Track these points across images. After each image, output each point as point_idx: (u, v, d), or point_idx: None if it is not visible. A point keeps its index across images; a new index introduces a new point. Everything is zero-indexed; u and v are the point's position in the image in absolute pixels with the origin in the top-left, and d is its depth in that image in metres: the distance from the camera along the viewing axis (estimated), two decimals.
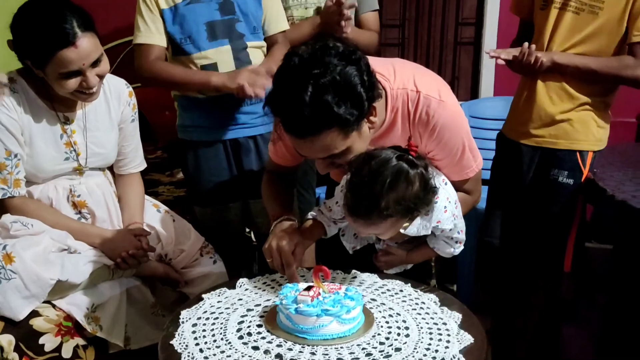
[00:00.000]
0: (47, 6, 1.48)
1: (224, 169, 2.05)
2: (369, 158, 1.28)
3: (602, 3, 1.76)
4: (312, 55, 1.23)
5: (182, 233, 1.85)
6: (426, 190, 1.29)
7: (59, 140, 1.63)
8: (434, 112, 1.38)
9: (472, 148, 1.48)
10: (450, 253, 1.52)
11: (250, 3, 1.94)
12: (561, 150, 1.89)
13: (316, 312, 1.16)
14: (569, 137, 1.88)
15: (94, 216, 1.71)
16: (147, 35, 1.91)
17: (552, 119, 1.87)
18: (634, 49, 1.76)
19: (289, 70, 1.24)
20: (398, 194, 1.24)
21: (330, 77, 1.19)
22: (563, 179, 1.88)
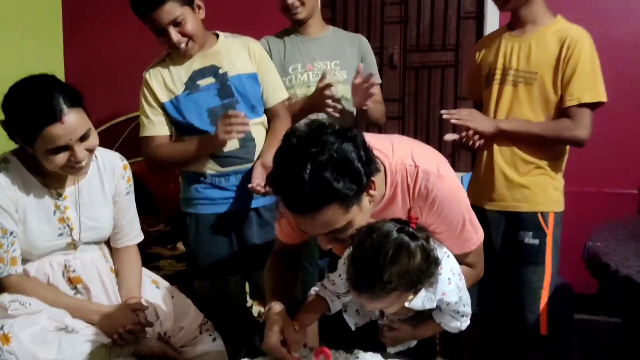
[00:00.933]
0: (35, 85, 1.53)
1: (223, 242, 2.06)
2: (370, 231, 1.28)
3: (536, 74, 1.93)
4: (309, 134, 1.27)
5: (182, 310, 1.83)
6: (428, 262, 1.28)
7: (52, 216, 1.64)
8: (432, 186, 1.40)
9: (473, 221, 1.48)
10: (457, 328, 1.50)
11: (246, 83, 2.01)
12: (524, 213, 1.98)
13: None
14: (529, 200, 1.97)
15: (89, 292, 1.70)
16: (150, 128, 2.01)
17: (512, 183, 1.97)
18: (569, 112, 1.91)
19: (288, 150, 1.27)
20: (401, 267, 1.24)
21: (328, 155, 1.22)
22: (529, 240, 1.97)
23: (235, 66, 2.03)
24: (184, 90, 1.99)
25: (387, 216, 1.40)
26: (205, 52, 2.02)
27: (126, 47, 3.56)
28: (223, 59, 2.02)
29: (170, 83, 2.00)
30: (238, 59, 2.04)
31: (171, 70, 2.01)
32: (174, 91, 1.99)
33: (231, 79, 2.01)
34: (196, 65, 2.01)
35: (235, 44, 2.07)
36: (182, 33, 1.92)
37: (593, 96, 1.90)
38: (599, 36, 2.95)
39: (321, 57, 2.23)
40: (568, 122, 1.91)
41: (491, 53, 2.05)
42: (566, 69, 1.89)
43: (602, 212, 2.76)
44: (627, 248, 1.86)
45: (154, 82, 2.00)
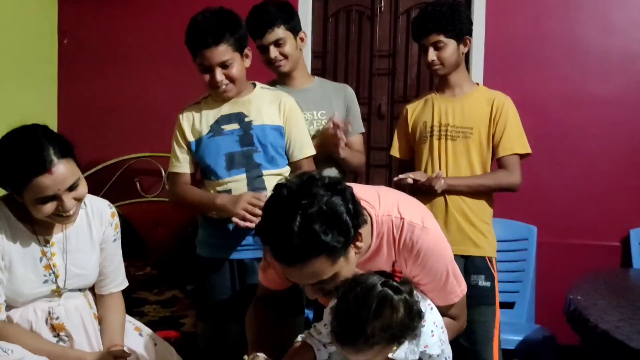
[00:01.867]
0: (25, 135, 1.55)
1: (227, 287, 2.08)
2: (354, 284, 1.30)
3: (471, 129, 2.18)
4: (299, 186, 1.30)
5: (164, 357, 1.82)
6: (411, 316, 1.30)
7: (38, 263, 1.65)
8: (417, 238, 1.42)
9: (456, 274, 1.51)
10: None
11: (270, 135, 2.05)
12: (475, 257, 2.15)
13: None
14: (479, 246, 2.16)
15: (72, 339, 1.69)
16: (176, 165, 2.10)
17: (463, 230, 2.16)
18: (503, 162, 2.18)
19: (278, 201, 1.30)
20: (384, 321, 1.26)
21: (318, 207, 1.25)
22: (482, 283, 2.13)
23: (261, 116, 2.06)
24: (208, 132, 2.05)
25: (372, 266, 1.43)
26: (237, 99, 2.07)
27: (119, 93, 3.64)
28: (252, 108, 2.07)
29: (198, 124, 2.06)
30: (267, 110, 2.08)
31: (202, 111, 2.08)
32: (200, 132, 2.06)
33: (255, 128, 2.04)
34: (225, 110, 2.06)
35: (269, 96, 2.11)
36: (227, 75, 1.99)
37: (523, 148, 2.18)
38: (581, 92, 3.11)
39: (308, 107, 2.28)
40: (504, 172, 2.17)
41: (425, 113, 2.27)
42: (497, 126, 2.17)
43: (585, 264, 2.80)
44: (607, 302, 1.88)
45: (185, 122, 2.08)
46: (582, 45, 3.13)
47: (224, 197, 2.00)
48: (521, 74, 3.15)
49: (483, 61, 3.20)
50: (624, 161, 3.08)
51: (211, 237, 2.08)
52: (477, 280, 2.12)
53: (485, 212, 2.20)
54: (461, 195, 2.16)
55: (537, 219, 3.00)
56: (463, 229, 2.15)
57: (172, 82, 3.35)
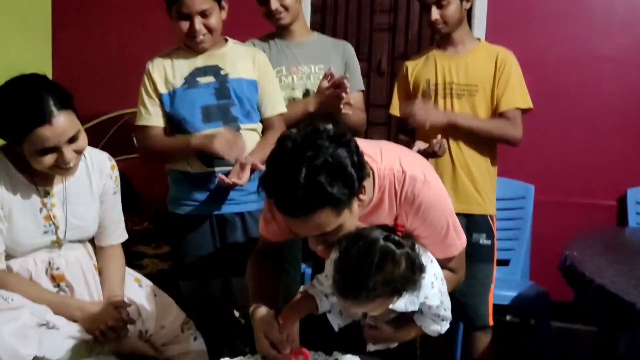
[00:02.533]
0: (25, 85, 1.52)
1: (208, 244, 2.07)
2: (357, 238, 1.31)
3: (476, 86, 2.16)
4: (304, 138, 1.29)
5: (164, 308, 1.84)
6: (413, 270, 1.31)
7: (38, 214, 1.64)
8: (419, 192, 1.43)
9: (456, 227, 1.52)
10: (437, 331, 1.52)
11: (245, 88, 2.03)
12: (477, 216, 2.17)
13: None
14: (481, 204, 2.18)
15: (73, 290, 1.70)
16: (146, 118, 2.04)
17: (467, 189, 2.17)
18: (503, 117, 2.16)
19: (282, 153, 1.29)
20: (385, 275, 1.27)
21: (323, 159, 1.24)
22: (483, 241, 2.16)
23: (237, 70, 2.05)
24: (182, 84, 2.01)
25: (373, 220, 1.44)
26: (211, 52, 2.04)
27: (116, 44, 3.57)
28: (227, 62, 2.05)
29: (171, 76, 2.02)
30: (242, 65, 2.07)
31: (174, 63, 2.03)
32: (173, 84, 2.02)
33: (231, 81, 2.03)
34: (199, 63, 2.03)
35: (242, 51, 2.10)
36: (205, 25, 1.96)
37: (525, 102, 2.18)
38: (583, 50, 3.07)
39: (305, 60, 2.25)
40: (507, 121, 2.15)
41: (427, 70, 2.24)
42: (500, 81, 2.15)
43: (581, 222, 2.82)
44: (603, 259, 1.89)
45: (156, 73, 2.03)
46: (586, 2, 3.08)
47: (199, 136, 1.97)
48: (524, 30, 3.10)
49: (486, 16, 3.15)
50: (623, 120, 3.06)
51: (189, 193, 2.06)
52: (479, 238, 2.15)
53: (488, 169, 2.21)
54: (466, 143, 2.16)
55: (535, 178, 3.00)
56: (468, 188, 2.17)
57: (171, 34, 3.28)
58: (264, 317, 1.48)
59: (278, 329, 1.45)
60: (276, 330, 1.44)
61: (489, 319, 2.18)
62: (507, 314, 3.20)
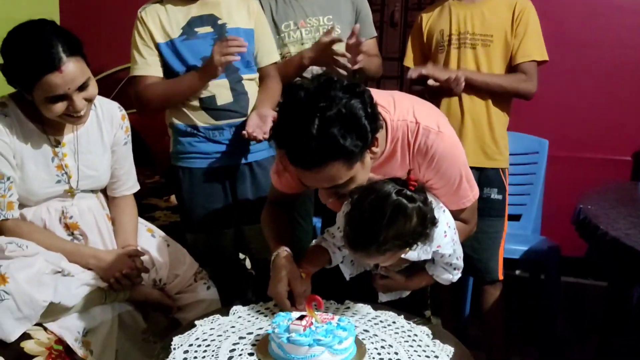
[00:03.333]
0: (34, 31, 1.50)
1: (218, 196, 2.07)
2: (369, 192, 1.30)
3: (491, 37, 2.09)
4: (317, 88, 1.26)
5: (177, 258, 1.85)
6: (424, 225, 1.31)
7: (50, 163, 1.64)
8: (432, 143, 1.41)
9: (469, 178, 1.51)
10: (449, 280, 1.54)
11: (243, 38, 1.96)
12: (489, 170, 2.13)
13: (308, 342, 1.16)
14: (493, 158, 2.13)
15: (87, 238, 1.71)
16: (143, 68, 1.96)
17: (479, 142, 2.12)
18: (521, 69, 2.09)
19: (295, 104, 1.26)
20: (397, 229, 1.27)
21: (336, 110, 1.22)
22: (495, 196, 2.12)
23: (234, 19, 2.00)
24: (180, 34, 1.96)
25: (385, 171, 1.43)
26: (205, 0, 1.99)
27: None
28: (222, 11, 2.00)
29: (167, 24, 1.96)
30: (237, 14, 2.02)
31: (168, 11, 1.97)
32: (169, 34, 1.96)
33: (229, 31, 1.98)
34: (194, 12, 1.98)
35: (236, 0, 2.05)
36: None
37: (541, 55, 2.11)
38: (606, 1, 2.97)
39: (313, 12, 2.18)
40: (522, 75, 2.09)
41: (441, 20, 2.17)
42: (517, 31, 2.08)
43: (594, 178, 2.78)
44: (617, 212, 1.88)
45: (150, 21, 1.95)
46: None
47: (201, 68, 1.91)
48: None
49: None
50: None
51: (196, 146, 2.03)
52: (490, 193, 2.12)
53: (501, 121, 2.16)
54: (479, 96, 2.10)
55: (549, 132, 2.94)
56: (478, 140, 2.12)
57: None
58: (290, 262, 1.48)
59: (302, 276, 1.45)
60: (300, 282, 1.44)
61: (498, 273, 2.17)
62: (517, 269, 3.21)
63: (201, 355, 1.23)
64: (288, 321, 1.23)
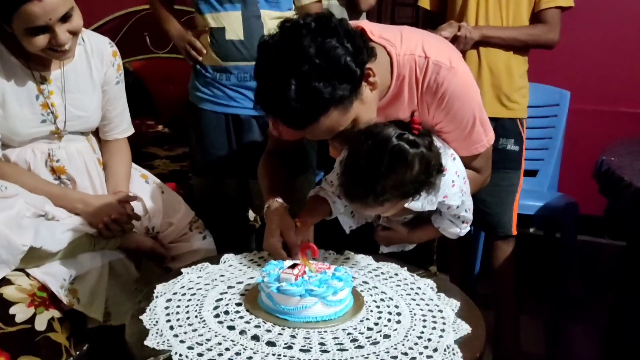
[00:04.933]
0: None
1: (222, 143, 1.98)
2: (366, 136, 1.19)
3: None
4: (283, 41, 1.15)
5: (171, 206, 1.77)
6: (427, 173, 1.20)
7: (35, 101, 1.54)
8: (443, 79, 1.28)
9: (483, 121, 1.38)
10: (456, 234, 1.43)
11: None
12: (506, 120, 2.00)
13: (299, 292, 1.06)
14: (510, 108, 2.01)
15: (75, 183, 1.63)
16: None
17: (496, 91, 1.99)
18: (541, 16, 1.97)
19: (267, 65, 1.17)
20: (396, 178, 1.16)
21: (309, 62, 1.11)
22: (511, 147, 2.00)
23: None
24: None
25: (391, 113, 1.32)
26: None
27: None
28: None
29: None
30: None
31: None
32: None
33: None
34: None
35: None
36: None
37: (566, 0, 1.98)
38: None
39: None
40: (543, 27, 1.97)
41: None
42: None
43: (618, 132, 2.64)
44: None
45: None
46: None
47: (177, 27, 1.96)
48: None
49: None
50: None
51: (205, 86, 1.94)
52: (506, 144, 2.00)
53: (520, 68, 2.02)
54: (495, 48, 1.97)
55: (571, 84, 2.79)
56: (495, 88, 1.99)
57: None
58: (282, 213, 1.39)
59: (296, 225, 1.36)
60: (293, 231, 1.35)
61: (512, 228, 2.06)
62: (531, 227, 3.11)
63: (185, 304, 1.13)
64: (279, 270, 1.13)
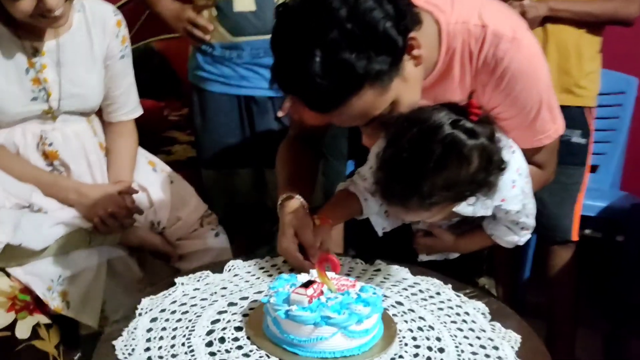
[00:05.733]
0: None
1: (233, 129, 1.80)
2: (411, 122, 0.96)
3: None
4: (307, 3, 0.94)
5: (181, 198, 1.58)
6: (488, 171, 0.97)
7: (24, 75, 1.36)
8: (504, 54, 1.05)
9: (552, 106, 1.14)
10: (513, 242, 1.20)
11: None
12: (573, 109, 1.75)
13: (314, 319, 0.83)
14: (579, 94, 1.78)
15: (69, 170, 1.45)
16: None
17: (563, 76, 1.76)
18: None
19: (285, 34, 0.96)
20: (449, 176, 0.93)
21: (340, 29, 0.90)
22: (576, 139, 1.78)
23: None
24: None
25: (437, 94, 1.09)
26: None
27: None
28: None
29: None
30: None
31: None
32: None
33: None
34: None
35: None
36: None
37: None
38: None
39: None
40: None
41: None
42: None
43: None
44: None
45: None
46: None
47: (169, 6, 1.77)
48: None
49: None
50: None
51: (213, 66, 1.75)
52: (571, 135, 1.76)
53: (592, 50, 1.78)
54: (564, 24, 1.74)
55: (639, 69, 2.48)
56: (562, 71, 1.75)
57: None
58: (297, 210, 1.18)
59: (312, 229, 1.14)
60: (310, 230, 1.14)
61: (572, 232, 1.84)
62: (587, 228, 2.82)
63: (172, 326, 0.91)
64: (291, 287, 0.90)
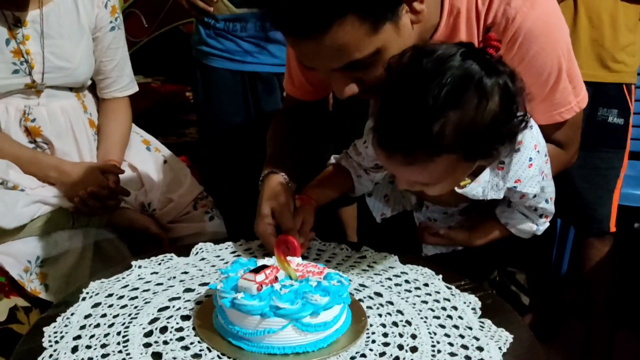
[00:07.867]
0: None
1: (236, 107, 1.72)
2: (418, 54, 0.81)
3: None
4: None
5: (175, 178, 1.49)
6: (510, 113, 0.80)
7: (4, 47, 1.30)
8: (515, 12, 0.92)
9: (573, 75, 1.00)
10: (530, 232, 1.05)
11: None
12: (609, 85, 1.62)
13: (260, 310, 0.71)
14: (615, 70, 1.62)
15: (53, 147, 1.38)
16: None
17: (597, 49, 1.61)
18: None
19: None
20: (463, 113, 0.76)
21: None
22: (613, 119, 1.64)
23: None
24: None
25: None
26: None
27: None
28: None
29: None
30: None
31: None
32: None
33: None
34: None
35: None
36: None
37: None
38: None
39: None
40: None
41: None
42: None
43: None
44: None
45: None
46: None
47: None
48: None
49: None
50: None
51: (216, 40, 1.67)
52: (608, 115, 1.63)
53: (629, 19, 1.60)
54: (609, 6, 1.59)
55: None
56: (596, 44, 1.60)
57: None
58: (276, 188, 1.07)
59: (292, 210, 1.03)
60: (289, 211, 1.03)
61: (610, 223, 1.69)
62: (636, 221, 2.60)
63: (114, 312, 0.81)
64: (244, 271, 0.78)
